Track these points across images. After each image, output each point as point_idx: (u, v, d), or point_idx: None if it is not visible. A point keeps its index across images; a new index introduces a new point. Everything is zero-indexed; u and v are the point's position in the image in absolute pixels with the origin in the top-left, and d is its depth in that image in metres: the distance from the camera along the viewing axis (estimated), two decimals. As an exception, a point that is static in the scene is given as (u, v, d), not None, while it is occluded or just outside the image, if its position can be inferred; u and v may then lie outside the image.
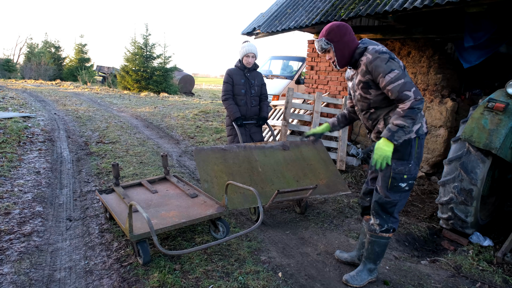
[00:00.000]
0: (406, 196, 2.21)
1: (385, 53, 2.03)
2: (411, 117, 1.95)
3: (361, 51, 2.13)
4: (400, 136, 1.98)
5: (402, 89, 1.95)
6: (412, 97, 1.93)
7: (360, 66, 2.13)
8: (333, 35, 2.13)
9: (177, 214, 2.78)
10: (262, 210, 2.45)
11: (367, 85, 2.12)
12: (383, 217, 2.24)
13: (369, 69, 2.06)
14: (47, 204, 3.55)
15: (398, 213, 2.27)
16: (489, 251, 2.93)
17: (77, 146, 5.96)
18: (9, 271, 2.38)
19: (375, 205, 2.25)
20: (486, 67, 5.19)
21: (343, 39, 2.13)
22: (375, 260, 2.36)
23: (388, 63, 2.00)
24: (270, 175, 3.37)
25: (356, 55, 2.15)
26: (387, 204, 2.19)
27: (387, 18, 4.47)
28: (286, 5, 5.78)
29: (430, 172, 5.05)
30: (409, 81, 1.97)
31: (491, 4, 3.38)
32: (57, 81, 22.19)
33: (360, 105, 2.26)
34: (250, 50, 3.78)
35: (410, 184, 2.17)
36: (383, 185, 2.19)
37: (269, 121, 5.80)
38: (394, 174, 2.13)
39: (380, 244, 2.31)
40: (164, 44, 22.51)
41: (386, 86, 2.00)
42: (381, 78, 2.02)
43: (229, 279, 2.35)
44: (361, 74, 2.13)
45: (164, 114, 9.96)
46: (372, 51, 2.07)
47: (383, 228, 2.26)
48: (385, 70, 1.99)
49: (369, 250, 2.35)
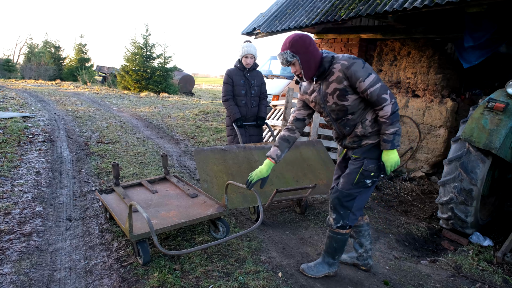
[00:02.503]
0: (366, 192, 2.26)
1: (357, 59, 2.07)
2: (397, 120, 2.08)
3: (329, 59, 2.12)
4: (399, 140, 2.10)
5: (380, 92, 2.03)
6: (388, 100, 2.03)
7: (334, 74, 2.09)
8: (298, 47, 2.07)
9: (177, 214, 2.78)
10: (262, 209, 2.45)
11: (344, 92, 2.10)
12: (340, 213, 2.27)
13: (347, 75, 2.05)
14: (47, 204, 3.55)
15: (359, 211, 2.29)
16: (489, 251, 2.93)
17: (77, 146, 5.96)
18: (9, 271, 2.38)
19: (334, 200, 2.29)
20: (486, 67, 5.19)
21: (308, 50, 2.08)
22: (334, 255, 2.40)
23: (365, 68, 2.04)
24: (270, 175, 3.36)
25: (324, 64, 2.12)
26: (346, 197, 2.23)
27: (387, 18, 4.47)
28: (286, 5, 5.78)
29: (430, 172, 5.05)
30: (383, 84, 2.06)
31: (491, 4, 3.38)
32: (57, 81, 22.19)
33: (335, 114, 2.22)
34: (249, 51, 3.77)
35: (374, 182, 2.23)
36: (348, 179, 2.23)
37: (269, 121, 5.80)
38: (363, 171, 2.19)
39: (337, 240, 2.34)
40: (164, 44, 22.54)
41: (366, 90, 2.04)
42: (360, 83, 2.04)
43: (229, 279, 2.35)
44: (337, 81, 2.09)
45: (164, 114, 9.96)
46: (345, 58, 2.08)
47: (338, 224, 2.29)
48: (363, 74, 2.03)
49: (327, 245, 2.40)
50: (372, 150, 2.19)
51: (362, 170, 2.19)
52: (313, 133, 5.20)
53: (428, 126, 5.01)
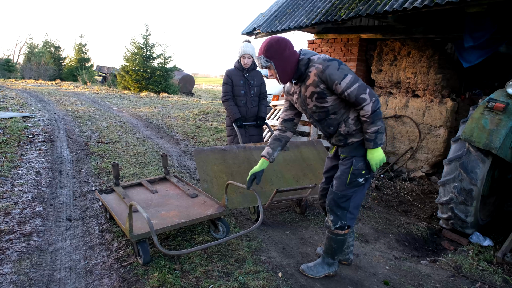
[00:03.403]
0: (361, 190, 2.25)
1: (332, 60, 2.05)
2: (378, 118, 2.05)
3: (305, 62, 2.11)
4: (381, 138, 2.09)
5: (358, 93, 2.01)
6: (368, 100, 2.01)
7: (310, 77, 2.09)
8: (272, 52, 2.07)
9: (177, 214, 2.78)
10: (262, 209, 2.45)
11: (322, 95, 2.10)
12: (337, 214, 2.27)
13: (322, 79, 2.05)
14: (47, 204, 3.55)
15: (356, 209, 2.29)
16: (489, 251, 2.93)
17: (77, 146, 5.96)
18: (9, 271, 2.38)
19: (330, 202, 2.29)
20: (486, 67, 5.20)
21: (283, 55, 2.08)
22: (333, 255, 2.41)
23: (340, 69, 2.02)
24: (270, 175, 3.37)
25: (301, 67, 2.12)
26: (342, 198, 2.22)
27: (387, 18, 4.47)
28: (286, 5, 5.78)
29: (430, 172, 5.05)
30: (362, 83, 2.04)
31: (491, 4, 3.38)
32: (57, 81, 22.20)
33: (317, 115, 2.23)
34: (246, 51, 3.77)
35: (367, 179, 2.22)
36: (341, 181, 2.23)
37: (269, 121, 5.80)
38: (354, 170, 2.19)
39: (336, 241, 2.34)
40: (164, 44, 22.56)
41: (344, 92, 2.03)
42: (337, 85, 2.02)
43: (229, 279, 2.35)
44: (313, 85, 2.09)
45: (164, 114, 9.96)
46: (319, 61, 2.07)
47: (336, 225, 2.29)
48: (339, 76, 2.01)
49: (327, 245, 2.40)
50: (359, 148, 2.19)
51: (353, 170, 2.19)
52: (313, 133, 5.20)
53: (428, 126, 5.01)
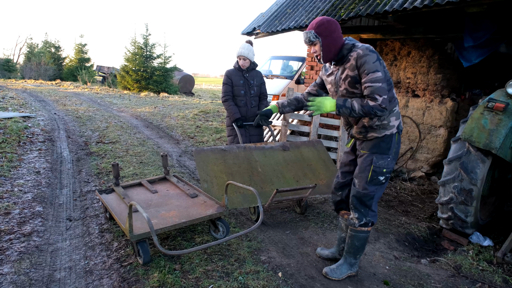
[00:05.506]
0: (382, 188, 2.29)
1: (374, 52, 2.11)
2: (364, 112, 2.07)
3: (349, 47, 2.17)
4: (344, 112, 2.13)
5: (376, 91, 2.05)
6: (378, 102, 2.04)
7: (350, 61, 2.15)
8: (322, 29, 2.14)
9: (177, 214, 2.78)
10: (262, 209, 2.45)
11: (355, 80, 2.15)
12: (361, 211, 2.30)
13: (358, 64, 2.10)
14: (47, 204, 3.55)
15: (376, 207, 2.33)
16: (489, 251, 2.93)
17: (77, 146, 5.96)
18: (9, 271, 2.38)
19: (353, 200, 2.32)
20: (486, 67, 5.19)
21: (332, 35, 2.15)
22: (355, 254, 2.42)
23: (375, 63, 2.07)
24: (270, 175, 3.37)
25: (344, 51, 2.18)
26: (365, 197, 2.26)
27: (387, 18, 4.47)
28: (286, 5, 5.78)
29: (430, 172, 5.05)
30: (385, 88, 2.06)
31: (491, 4, 3.38)
32: (57, 81, 22.18)
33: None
34: (241, 53, 3.77)
35: (387, 178, 2.26)
36: (362, 179, 2.26)
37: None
38: (375, 168, 2.21)
39: (359, 238, 2.36)
40: (164, 44, 22.51)
41: (366, 83, 2.08)
42: (364, 74, 2.08)
43: (229, 279, 2.35)
44: (350, 69, 2.15)
45: (164, 114, 9.96)
46: (362, 47, 2.12)
47: (361, 222, 2.32)
48: (370, 68, 2.06)
49: (349, 245, 2.41)
50: (379, 145, 2.22)
51: (373, 167, 2.21)
52: (313, 133, 5.20)
53: (428, 126, 5.01)
